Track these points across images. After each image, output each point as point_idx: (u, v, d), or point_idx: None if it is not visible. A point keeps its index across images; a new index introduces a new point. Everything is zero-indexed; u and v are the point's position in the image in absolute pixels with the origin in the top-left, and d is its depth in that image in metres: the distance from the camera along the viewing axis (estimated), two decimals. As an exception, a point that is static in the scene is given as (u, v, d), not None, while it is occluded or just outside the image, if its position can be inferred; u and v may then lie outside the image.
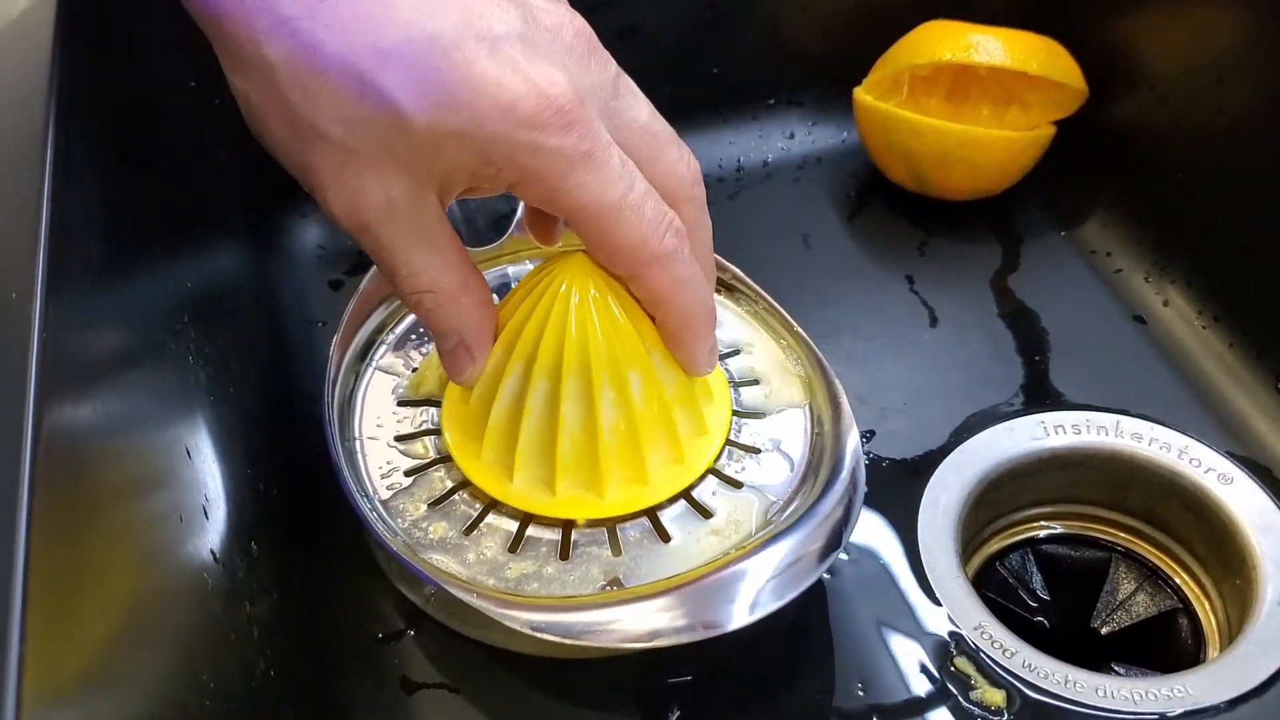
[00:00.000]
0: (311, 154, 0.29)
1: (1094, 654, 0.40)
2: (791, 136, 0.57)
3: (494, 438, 0.35)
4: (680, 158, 0.33)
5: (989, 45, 0.48)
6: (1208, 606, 0.41)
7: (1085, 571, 0.43)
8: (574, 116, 0.28)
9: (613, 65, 0.31)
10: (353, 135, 0.28)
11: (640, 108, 0.32)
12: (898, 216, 0.53)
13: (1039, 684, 0.35)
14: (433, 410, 0.38)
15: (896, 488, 0.41)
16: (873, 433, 0.43)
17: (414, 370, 0.40)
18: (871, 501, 0.35)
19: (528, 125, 0.28)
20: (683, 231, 0.31)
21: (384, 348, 0.41)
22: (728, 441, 0.37)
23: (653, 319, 0.34)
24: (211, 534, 0.29)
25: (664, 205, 0.31)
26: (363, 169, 0.29)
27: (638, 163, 0.31)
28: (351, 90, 0.27)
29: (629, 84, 0.32)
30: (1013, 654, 0.36)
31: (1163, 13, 0.49)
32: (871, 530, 0.40)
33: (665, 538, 0.35)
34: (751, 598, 0.32)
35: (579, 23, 0.31)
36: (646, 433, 0.35)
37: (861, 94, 0.52)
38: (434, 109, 0.27)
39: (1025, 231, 0.52)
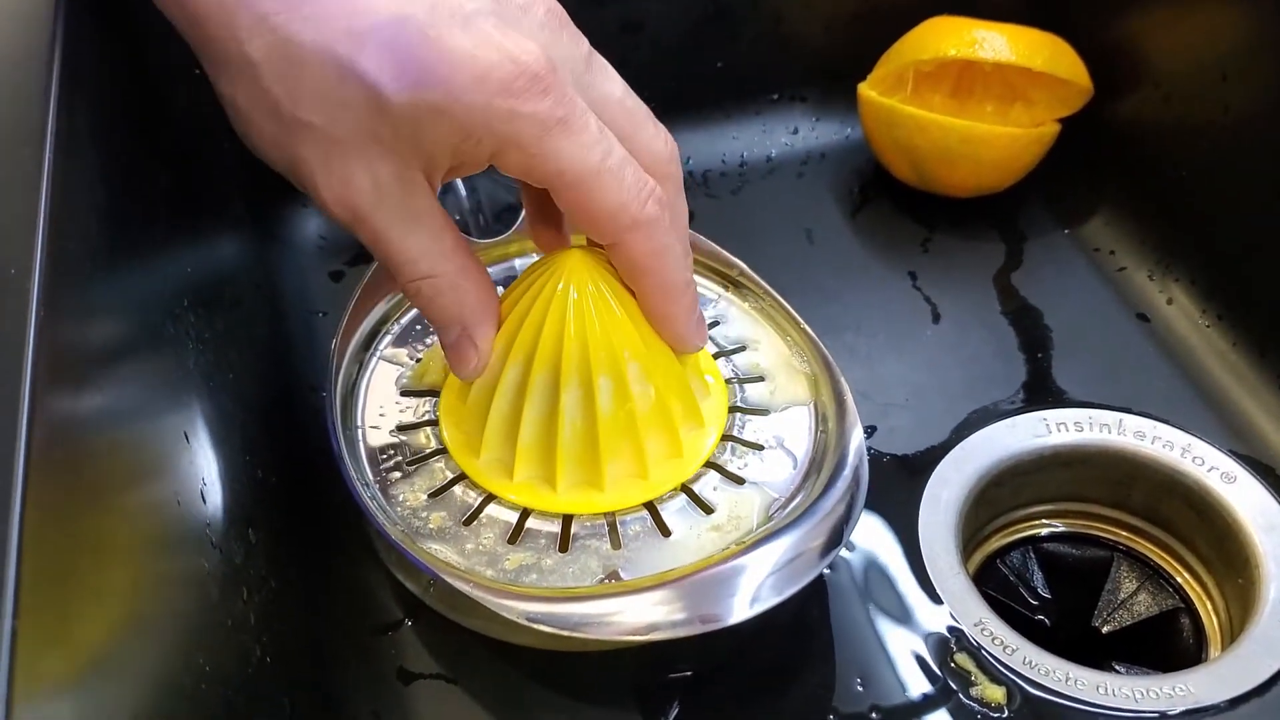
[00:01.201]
0: (299, 147, 0.29)
1: (1095, 653, 0.40)
2: (795, 132, 0.57)
3: (494, 434, 0.35)
4: (657, 134, 0.32)
5: (994, 41, 0.48)
6: (1210, 606, 0.41)
7: (1087, 570, 0.42)
8: (548, 82, 0.28)
9: (585, 42, 0.32)
10: (335, 122, 0.28)
11: (614, 83, 0.32)
12: (901, 213, 0.53)
13: (1039, 681, 0.35)
14: (436, 401, 0.38)
15: (898, 484, 0.41)
16: (874, 428, 0.43)
17: (418, 360, 0.40)
18: (872, 497, 0.34)
19: (503, 93, 0.28)
20: (664, 200, 0.31)
21: (388, 338, 0.40)
22: (731, 438, 0.37)
23: (633, 293, 0.33)
24: (209, 520, 0.29)
25: (644, 174, 0.31)
26: (348, 155, 0.29)
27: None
28: (331, 76, 0.28)
29: (602, 61, 0.32)
30: (1013, 651, 0.36)
31: (1168, 11, 0.49)
32: (872, 526, 0.40)
33: (665, 532, 0.34)
34: (751, 592, 0.31)
35: (550, 1, 0.31)
36: (645, 426, 0.34)
37: (866, 89, 0.52)
38: (411, 86, 0.28)
39: (1028, 229, 0.52)
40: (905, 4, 0.52)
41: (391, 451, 0.37)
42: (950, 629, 0.37)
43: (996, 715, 0.35)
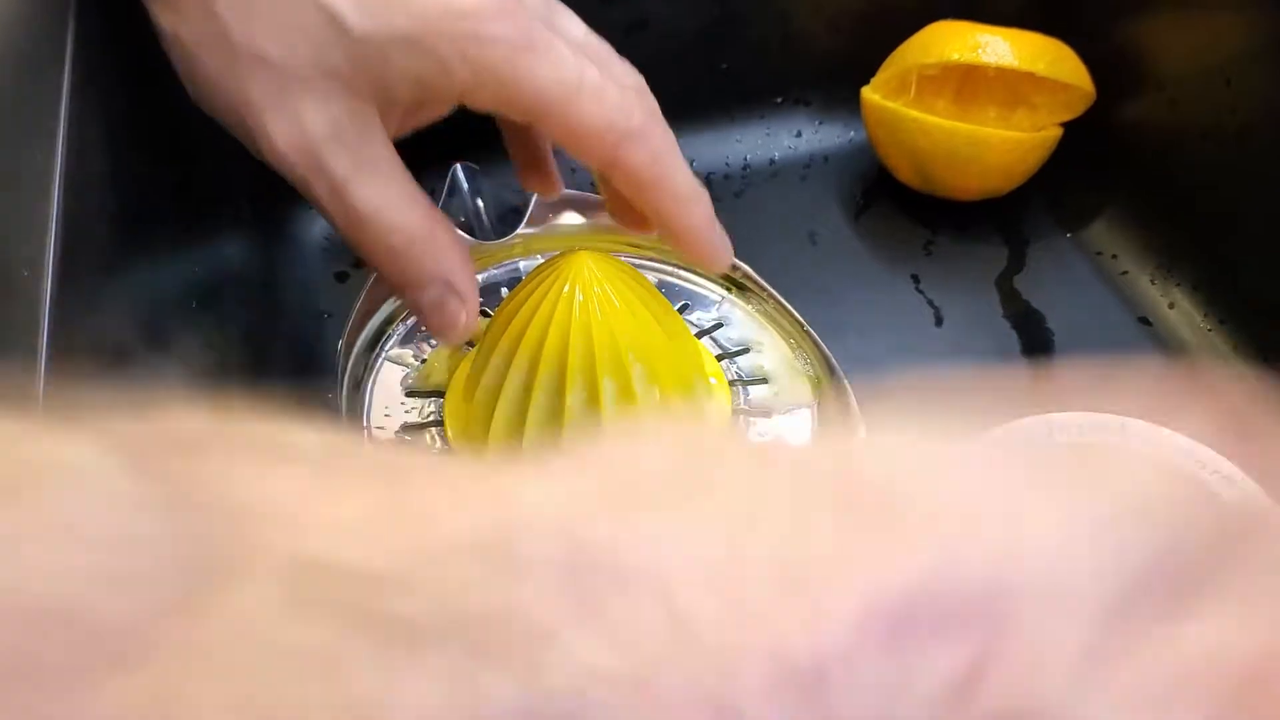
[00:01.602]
0: (249, 84, 0.28)
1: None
2: (799, 135, 0.57)
3: (499, 435, 0.35)
4: (626, 70, 0.32)
5: (997, 46, 0.48)
6: (1210, 609, 0.41)
7: (1088, 572, 0.43)
8: (511, 8, 0.28)
9: None
10: (291, 54, 0.27)
11: (576, 25, 0.32)
12: (904, 216, 0.53)
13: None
14: (441, 402, 0.38)
15: (900, 486, 0.41)
16: (877, 431, 0.43)
17: (423, 361, 0.40)
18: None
19: (470, 17, 0.27)
20: (654, 112, 0.30)
21: (394, 339, 0.41)
22: (733, 437, 0.37)
23: (645, 217, 0.33)
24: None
25: (628, 92, 0.30)
26: (303, 92, 0.28)
27: None
28: (289, 3, 0.27)
29: (563, 6, 0.32)
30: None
31: (1171, 15, 0.49)
32: (875, 528, 0.40)
33: (669, 532, 0.35)
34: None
35: None
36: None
37: (869, 93, 0.52)
38: (374, 15, 0.27)
39: (1031, 232, 0.52)
40: (909, 8, 0.52)
41: (397, 452, 0.37)
42: (952, 631, 0.37)
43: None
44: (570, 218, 0.45)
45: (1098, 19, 0.52)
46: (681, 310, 0.42)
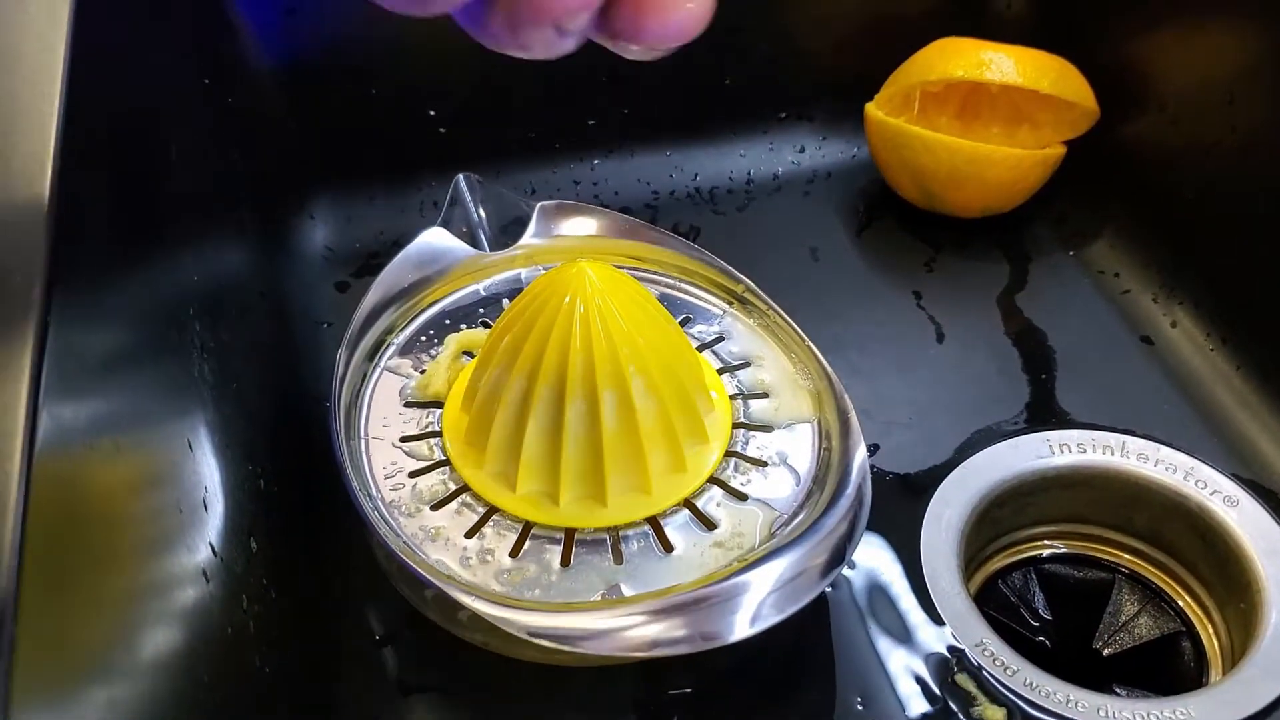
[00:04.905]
0: None
1: (1096, 675, 0.39)
2: (802, 150, 0.57)
3: (497, 447, 0.35)
4: None
5: (1001, 63, 0.48)
6: (1211, 630, 0.40)
7: (1088, 592, 0.42)
8: None
9: None
10: None
11: None
12: (906, 232, 0.53)
13: (1040, 702, 0.35)
14: (439, 412, 0.38)
15: (900, 503, 0.41)
16: (877, 447, 0.43)
17: (422, 372, 0.40)
18: (874, 516, 0.34)
19: None
20: None
21: (393, 349, 0.41)
22: (735, 454, 0.37)
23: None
24: (211, 529, 0.29)
25: None
26: None
27: None
28: None
29: None
30: (1014, 672, 0.36)
31: (1175, 34, 0.49)
32: (874, 545, 0.40)
33: (668, 548, 0.34)
34: (753, 610, 0.31)
35: None
36: (649, 440, 0.35)
37: (873, 109, 0.52)
38: None
39: (1033, 250, 0.52)
40: (913, 25, 0.52)
41: (394, 463, 0.37)
42: (951, 649, 0.37)
43: (996, 737, 0.35)
44: (573, 229, 0.45)
45: (1102, 37, 0.52)
46: (683, 323, 0.42)
